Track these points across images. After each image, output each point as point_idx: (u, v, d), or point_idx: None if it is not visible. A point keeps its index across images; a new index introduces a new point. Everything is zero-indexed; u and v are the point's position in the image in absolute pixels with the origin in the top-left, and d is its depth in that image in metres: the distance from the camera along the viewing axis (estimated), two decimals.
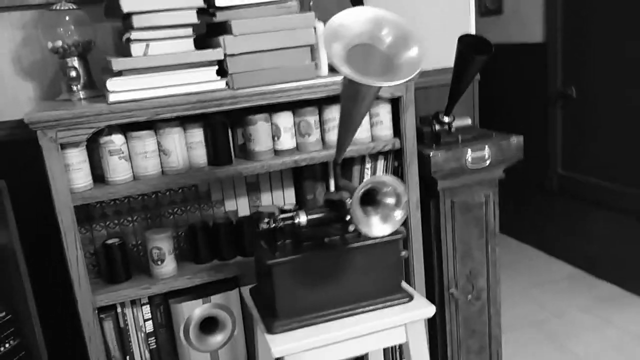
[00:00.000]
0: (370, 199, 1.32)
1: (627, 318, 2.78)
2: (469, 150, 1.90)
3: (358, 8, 1.11)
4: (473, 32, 2.26)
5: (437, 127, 1.96)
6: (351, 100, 1.22)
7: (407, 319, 1.46)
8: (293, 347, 1.37)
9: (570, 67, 3.18)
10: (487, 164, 1.93)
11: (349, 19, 1.12)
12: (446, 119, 1.95)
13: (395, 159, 1.89)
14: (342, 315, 1.44)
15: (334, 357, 1.44)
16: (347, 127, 1.32)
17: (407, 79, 1.12)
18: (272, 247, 1.43)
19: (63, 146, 1.47)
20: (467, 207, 1.98)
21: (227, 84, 1.59)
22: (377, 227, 1.28)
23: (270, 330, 1.41)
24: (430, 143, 1.95)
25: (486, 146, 1.92)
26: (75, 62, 1.61)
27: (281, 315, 1.41)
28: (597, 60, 2.99)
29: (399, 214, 1.30)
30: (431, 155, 1.85)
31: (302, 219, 1.43)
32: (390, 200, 1.31)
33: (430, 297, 2.04)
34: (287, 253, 1.41)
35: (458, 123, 1.98)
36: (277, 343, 1.37)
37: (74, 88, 1.62)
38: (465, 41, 1.78)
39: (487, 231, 2.02)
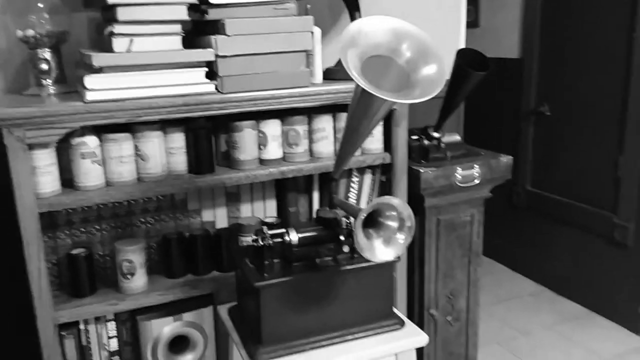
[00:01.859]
0: (371, 220, 1.23)
1: (592, 338, 2.79)
2: (459, 168, 1.84)
3: (380, 17, 1.02)
4: (463, 45, 2.21)
5: (426, 142, 1.89)
6: (362, 113, 1.13)
7: (399, 348, 1.38)
8: None
9: (545, 84, 3.18)
10: (476, 183, 1.87)
11: (368, 27, 1.03)
12: (436, 135, 1.88)
13: (383, 173, 1.81)
14: (331, 342, 1.35)
15: None
16: (352, 141, 1.23)
17: (427, 98, 1.03)
18: (260, 267, 1.32)
19: (31, 146, 1.32)
20: (453, 226, 1.92)
21: (216, 87, 1.47)
22: (381, 251, 1.19)
23: (253, 357, 1.30)
24: (418, 158, 1.88)
25: (476, 165, 1.86)
26: (47, 54, 1.46)
27: (266, 341, 1.31)
28: (572, 80, 3.00)
29: (402, 238, 1.22)
30: (422, 171, 1.78)
31: (293, 237, 1.33)
32: (393, 224, 1.23)
33: (409, 317, 1.97)
34: (276, 274, 1.30)
35: (447, 139, 1.92)
36: None
37: (44, 82, 1.47)
38: (462, 55, 1.71)
39: (470, 251, 1.97)
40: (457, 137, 1.98)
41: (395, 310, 1.46)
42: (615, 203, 2.81)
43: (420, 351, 2.01)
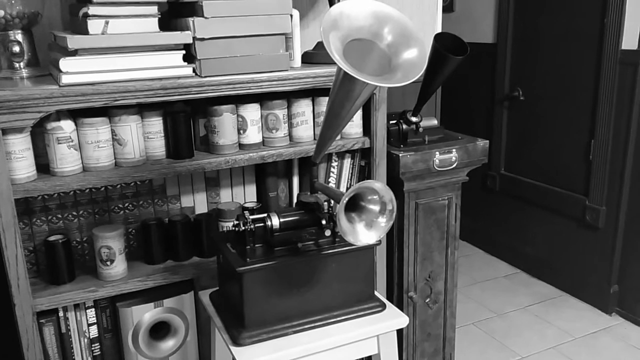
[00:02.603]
0: (353, 204, 1.24)
1: (565, 318, 2.86)
2: (437, 152, 1.85)
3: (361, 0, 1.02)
4: (439, 29, 2.21)
5: (404, 126, 1.90)
6: (343, 97, 1.12)
7: (380, 330, 1.40)
8: None
9: (518, 69, 3.22)
10: (453, 167, 1.89)
11: (350, 10, 1.03)
12: (414, 119, 1.89)
13: (362, 157, 1.81)
14: (314, 325, 1.36)
15: None
16: (333, 126, 1.22)
17: (408, 81, 1.03)
18: (242, 252, 1.32)
19: (5, 131, 1.29)
20: (431, 209, 1.94)
21: (194, 70, 1.45)
22: (363, 234, 1.20)
23: (236, 341, 1.30)
24: (396, 143, 1.89)
25: (454, 149, 1.88)
26: (18, 35, 1.42)
27: (249, 325, 1.31)
28: (545, 65, 3.04)
29: (383, 221, 1.22)
30: (401, 156, 1.78)
31: (275, 222, 1.33)
32: (374, 207, 1.23)
33: (388, 300, 1.99)
34: (258, 259, 1.30)
35: (425, 123, 1.93)
36: (245, 356, 1.27)
37: (17, 65, 1.43)
38: (440, 40, 1.72)
39: (448, 234, 1.99)
40: (434, 122, 1.99)
41: (376, 293, 1.47)
42: (587, 186, 2.87)
43: (399, 333, 2.04)
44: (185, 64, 1.44)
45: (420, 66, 1.06)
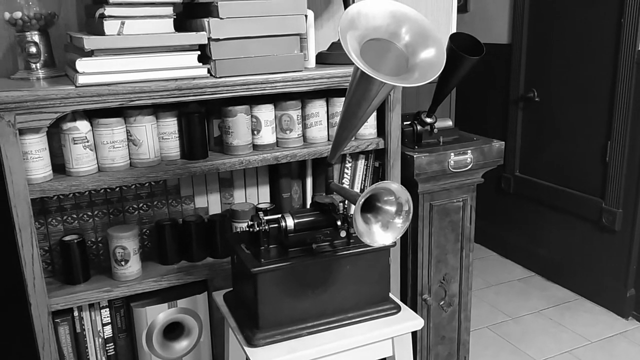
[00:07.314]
0: (369, 205, 1.23)
1: (580, 322, 2.83)
2: (452, 153, 1.84)
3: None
4: (454, 30, 2.20)
5: (419, 127, 1.89)
6: (360, 97, 1.12)
7: (395, 332, 1.39)
8: None
9: (533, 70, 3.19)
10: (468, 168, 1.87)
11: (368, 9, 1.02)
12: (428, 120, 1.88)
13: (376, 159, 1.80)
14: (328, 327, 1.35)
15: None
16: (349, 126, 1.21)
17: (426, 81, 1.02)
18: (256, 253, 1.31)
19: (21, 131, 1.30)
20: (445, 211, 1.92)
21: (208, 71, 1.45)
22: (380, 235, 1.19)
23: (250, 342, 1.29)
24: (411, 144, 1.88)
25: (469, 150, 1.86)
26: (35, 36, 1.43)
27: (263, 326, 1.30)
28: (561, 66, 3.01)
29: (400, 222, 1.21)
30: (415, 157, 1.77)
31: (289, 222, 1.32)
32: (391, 208, 1.22)
33: (402, 302, 1.98)
34: (272, 260, 1.29)
35: (439, 124, 1.92)
36: (259, 357, 1.26)
37: (33, 66, 1.44)
38: (455, 40, 1.71)
39: (462, 236, 1.98)
40: (449, 123, 1.98)
41: (391, 295, 1.46)
42: (604, 189, 2.84)
43: (413, 336, 2.02)
44: (200, 64, 1.44)
45: (438, 66, 1.05)
